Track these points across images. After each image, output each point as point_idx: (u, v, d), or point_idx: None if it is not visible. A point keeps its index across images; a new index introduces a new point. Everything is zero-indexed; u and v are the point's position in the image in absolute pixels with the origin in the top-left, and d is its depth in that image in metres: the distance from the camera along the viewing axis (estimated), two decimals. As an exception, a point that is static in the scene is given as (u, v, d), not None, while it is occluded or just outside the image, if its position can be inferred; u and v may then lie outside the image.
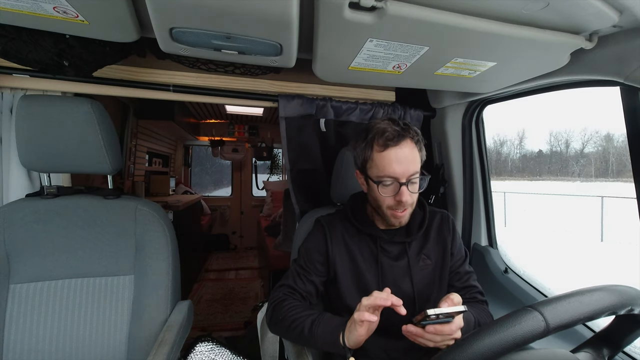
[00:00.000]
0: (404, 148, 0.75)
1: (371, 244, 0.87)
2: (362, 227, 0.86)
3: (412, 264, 0.85)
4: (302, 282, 0.85)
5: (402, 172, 0.74)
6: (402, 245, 0.87)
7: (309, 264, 0.87)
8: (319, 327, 0.73)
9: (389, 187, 0.76)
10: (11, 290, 0.85)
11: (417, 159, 0.77)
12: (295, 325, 0.76)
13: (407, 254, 0.86)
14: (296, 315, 0.78)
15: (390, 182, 0.75)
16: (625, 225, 7.29)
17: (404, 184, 0.75)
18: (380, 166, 0.75)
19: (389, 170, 0.74)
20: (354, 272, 0.86)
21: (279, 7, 0.57)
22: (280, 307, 0.81)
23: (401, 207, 0.77)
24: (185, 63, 1.09)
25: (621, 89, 0.77)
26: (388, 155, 0.74)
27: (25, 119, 0.82)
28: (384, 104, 1.31)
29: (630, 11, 0.60)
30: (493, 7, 0.60)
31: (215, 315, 2.58)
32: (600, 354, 0.53)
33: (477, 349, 0.40)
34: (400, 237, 0.87)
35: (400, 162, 0.74)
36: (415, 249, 0.87)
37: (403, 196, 0.74)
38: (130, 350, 0.89)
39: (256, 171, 4.90)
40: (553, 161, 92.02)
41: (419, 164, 0.77)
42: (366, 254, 0.86)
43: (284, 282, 0.87)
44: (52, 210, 0.90)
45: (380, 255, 0.85)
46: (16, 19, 0.69)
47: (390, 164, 0.74)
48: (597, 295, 0.45)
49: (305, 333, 0.74)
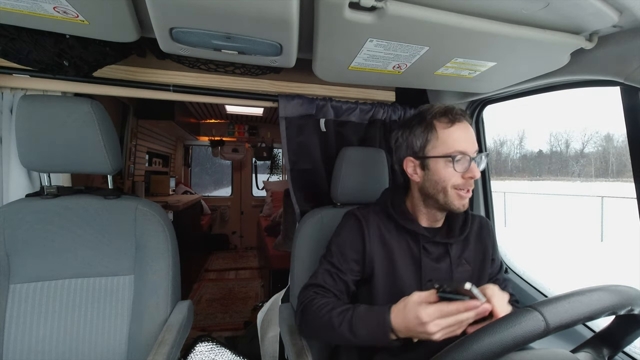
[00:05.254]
0: (467, 126, 0.75)
1: (412, 243, 0.80)
2: (404, 222, 0.80)
3: (453, 268, 0.79)
4: (333, 281, 0.79)
5: (470, 148, 0.74)
6: (444, 247, 0.81)
7: (342, 262, 0.80)
8: (360, 326, 0.65)
9: (459, 162, 0.73)
10: (11, 290, 0.85)
11: (475, 139, 0.76)
12: (330, 326, 0.68)
13: (450, 256, 0.80)
14: (329, 315, 0.69)
15: (460, 157, 0.73)
16: (625, 225, 7.29)
17: (474, 159, 0.74)
18: (450, 141, 0.73)
19: (459, 145, 0.73)
20: (391, 273, 0.79)
21: (279, 7, 0.57)
22: (310, 308, 0.73)
23: (469, 185, 0.74)
24: (185, 63, 1.09)
25: (621, 89, 0.77)
26: (456, 131, 0.74)
27: (25, 119, 0.82)
28: (384, 104, 1.31)
29: (630, 11, 0.60)
30: (493, 7, 0.60)
31: (215, 315, 2.58)
32: (600, 354, 0.53)
33: (477, 349, 0.40)
34: (442, 237, 0.82)
35: (468, 137, 0.74)
36: (457, 253, 0.81)
37: (475, 172, 0.73)
38: (130, 350, 0.89)
39: (256, 171, 4.90)
40: (553, 161, 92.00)
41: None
42: (406, 253, 0.80)
43: (312, 282, 0.79)
44: (52, 210, 0.90)
45: (423, 255, 0.79)
46: (16, 19, 0.69)
47: (460, 138, 0.73)
48: (597, 295, 0.44)
49: (345, 334, 0.66)
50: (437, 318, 0.56)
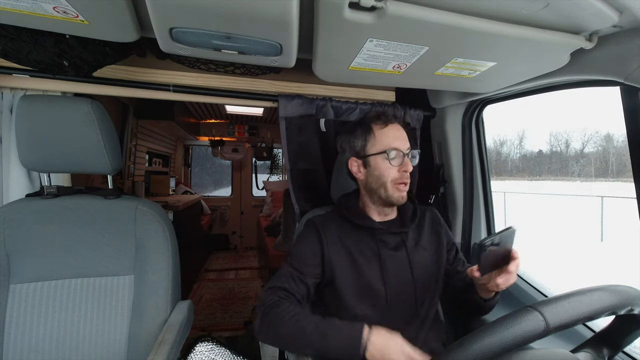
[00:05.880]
0: (399, 128, 0.88)
1: (368, 238, 0.87)
2: (359, 220, 0.88)
3: (410, 254, 0.87)
4: (295, 284, 0.82)
5: (403, 145, 0.85)
6: (399, 236, 0.89)
7: (303, 266, 0.84)
8: (331, 336, 0.68)
9: (394, 158, 0.84)
10: (11, 290, 0.85)
11: (407, 139, 0.88)
12: (297, 332, 0.70)
13: (406, 244, 0.88)
14: (299, 322, 0.71)
15: (394, 153, 0.83)
16: (625, 225, 7.29)
17: (407, 155, 0.85)
18: (385, 140, 0.85)
19: (393, 143, 0.84)
20: (354, 270, 0.85)
21: (279, 7, 0.57)
22: (274, 310, 0.75)
23: (405, 178, 0.84)
24: (185, 63, 1.09)
25: (621, 89, 0.77)
26: (389, 131, 0.85)
27: (25, 119, 0.82)
28: (384, 104, 1.31)
29: (630, 11, 0.60)
30: (493, 7, 0.60)
31: (215, 315, 2.58)
32: (600, 354, 0.53)
33: (477, 349, 0.40)
34: (396, 227, 0.90)
35: (399, 137, 0.86)
36: (412, 241, 0.90)
37: (408, 166, 0.84)
38: (130, 350, 0.89)
39: (256, 171, 4.90)
40: (553, 161, 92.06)
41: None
42: (365, 249, 0.86)
43: (276, 284, 0.82)
44: (52, 210, 0.90)
45: (380, 247, 0.86)
46: (16, 19, 0.69)
47: (393, 137, 0.85)
48: (597, 295, 0.45)
49: (314, 343, 0.68)
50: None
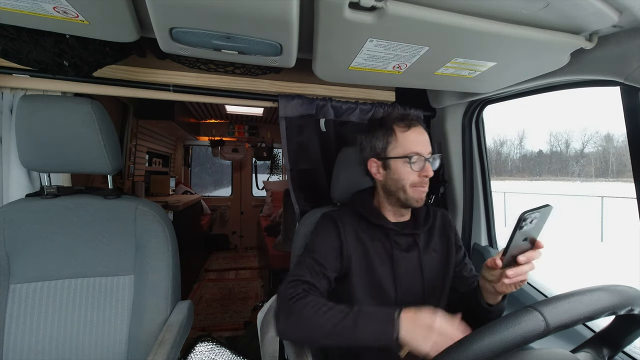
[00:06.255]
0: (422, 131, 0.85)
1: (383, 238, 0.87)
2: (374, 219, 0.87)
3: (422, 256, 0.87)
4: (317, 277, 0.79)
5: (425, 149, 0.83)
6: (412, 238, 0.89)
7: (325, 260, 0.82)
8: (364, 323, 0.65)
9: (415, 163, 0.82)
10: (11, 290, 0.85)
11: (429, 142, 0.85)
12: (327, 322, 0.67)
13: (418, 246, 0.87)
14: (328, 312, 0.68)
15: (416, 158, 0.82)
16: (625, 225, 7.29)
17: (428, 160, 0.83)
18: (406, 144, 0.82)
19: (415, 147, 0.82)
20: (367, 267, 0.84)
21: (279, 7, 0.57)
22: (303, 304, 0.71)
23: (424, 182, 0.83)
24: (185, 63, 1.09)
25: (621, 89, 0.77)
26: (412, 134, 0.83)
27: (25, 119, 0.82)
28: (384, 104, 1.31)
29: (630, 11, 0.60)
30: (493, 7, 0.60)
31: (215, 315, 2.58)
32: (600, 354, 0.53)
33: (477, 349, 0.40)
34: (410, 229, 0.89)
35: (422, 141, 0.84)
36: (424, 242, 0.90)
37: (429, 171, 0.82)
38: (130, 350, 0.89)
39: (256, 171, 4.90)
40: (553, 161, 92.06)
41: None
42: (379, 248, 0.86)
43: (298, 277, 0.78)
44: (52, 210, 0.90)
45: (394, 248, 0.86)
46: (16, 19, 0.69)
47: (416, 141, 0.83)
48: (597, 295, 0.44)
49: (345, 331, 0.65)
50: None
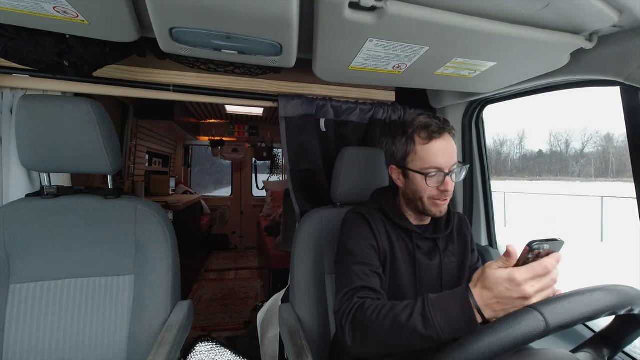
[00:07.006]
0: (446, 140, 0.78)
1: (407, 239, 0.84)
2: (399, 220, 0.84)
3: (442, 261, 0.85)
4: (368, 277, 0.74)
5: (446, 163, 0.77)
6: (432, 242, 0.86)
7: (369, 258, 0.78)
8: (437, 312, 0.57)
9: (433, 177, 0.77)
10: (11, 290, 0.85)
11: (456, 150, 0.80)
12: (396, 324, 0.60)
13: (439, 250, 0.85)
14: (392, 312, 0.62)
15: (434, 172, 0.77)
16: (625, 225, 7.29)
17: (448, 174, 0.77)
18: (425, 158, 0.77)
19: (434, 162, 0.77)
20: (392, 266, 0.81)
21: (279, 7, 0.57)
22: (362, 312, 0.66)
23: (444, 196, 0.78)
24: (185, 63, 1.09)
25: (621, 89, 0.77)
26: (433, 147, 0.77)
27: (25, 119, 0.82)
28: (384, 104, 1.31)
29: (630, 11, 0.60)
30: (493, 7, 0.60)
31: (215, 315, 2.58)
32: (600, 354, 0.53)
33: (477, 349, 0.40)
34: (430, 233, 0.87)
35: (444, 153, 0.77)
36: (443, 247, 0.87)
37: (448, 185, 0.77)
38: (130, 350, 0.89)
39: (256, 171, 4.90)
40: (553, 161, 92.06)
41: (456, 155, 0.80)
42: (403, 250, 0.84)
43: (350, 287, 0.73)
44: (52, 210, 0.90)
45: (416, 250, 0.84)
46: (16, 19, 0.69)
47: (436, 155, 0.77)
48: (597, 295, 0.45)
49: (417, 327, 0.58)
50: (530, 279, 0.52)
